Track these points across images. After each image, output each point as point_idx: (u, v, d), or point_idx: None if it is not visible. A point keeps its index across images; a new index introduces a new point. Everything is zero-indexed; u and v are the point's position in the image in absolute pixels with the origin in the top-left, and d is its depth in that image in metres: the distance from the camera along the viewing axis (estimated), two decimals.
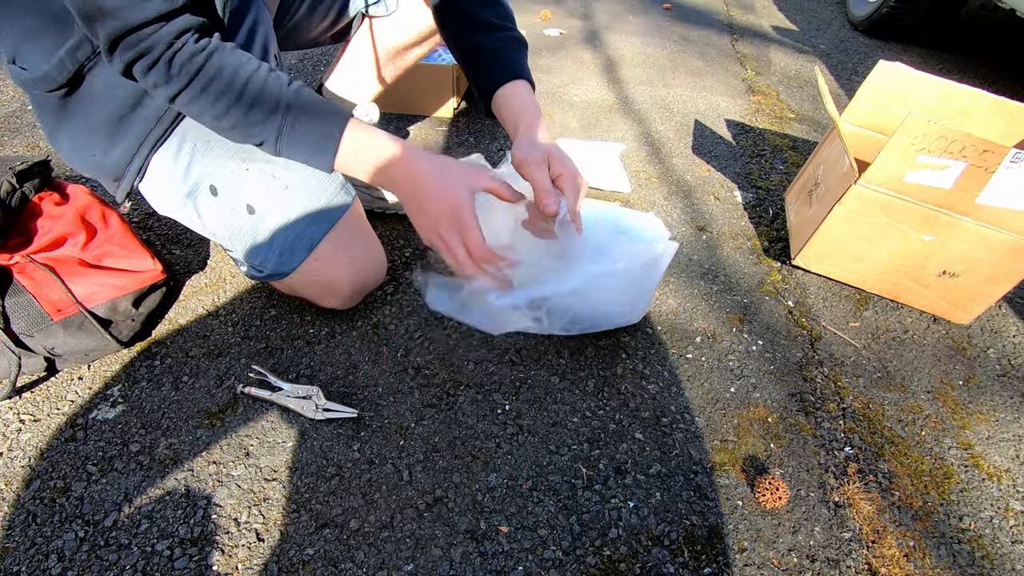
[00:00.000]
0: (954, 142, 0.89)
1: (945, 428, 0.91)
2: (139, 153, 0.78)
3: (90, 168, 0.80)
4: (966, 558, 0.75)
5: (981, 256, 0.99)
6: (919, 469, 0.84)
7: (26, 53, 0.70)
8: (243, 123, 0.67)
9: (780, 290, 1.11)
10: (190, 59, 0.63)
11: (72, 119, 0.75)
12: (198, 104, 0.67)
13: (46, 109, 0.76)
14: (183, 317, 0.94)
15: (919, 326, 1.08)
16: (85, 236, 0.84)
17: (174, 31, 0.62)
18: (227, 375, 0.85)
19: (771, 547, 0.73)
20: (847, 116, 1.25)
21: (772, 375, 0.94)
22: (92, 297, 0.82)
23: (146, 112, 0.76)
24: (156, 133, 0.77)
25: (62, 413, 0.79)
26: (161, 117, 0.77)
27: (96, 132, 0.76)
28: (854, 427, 0.89)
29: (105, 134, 0.76)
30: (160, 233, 1.09)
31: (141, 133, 0.77)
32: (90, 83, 0.73)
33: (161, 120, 0.77)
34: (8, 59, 0.71)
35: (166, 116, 0.77)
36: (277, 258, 0.83)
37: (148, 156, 0.78)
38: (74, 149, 0.78)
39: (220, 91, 0.65)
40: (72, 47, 0.69)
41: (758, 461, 0.82)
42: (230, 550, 0.67)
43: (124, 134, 0.76)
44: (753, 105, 1.80)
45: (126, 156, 0.78)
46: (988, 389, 0.98)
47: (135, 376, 0.84)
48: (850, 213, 1.02)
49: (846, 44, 2.38)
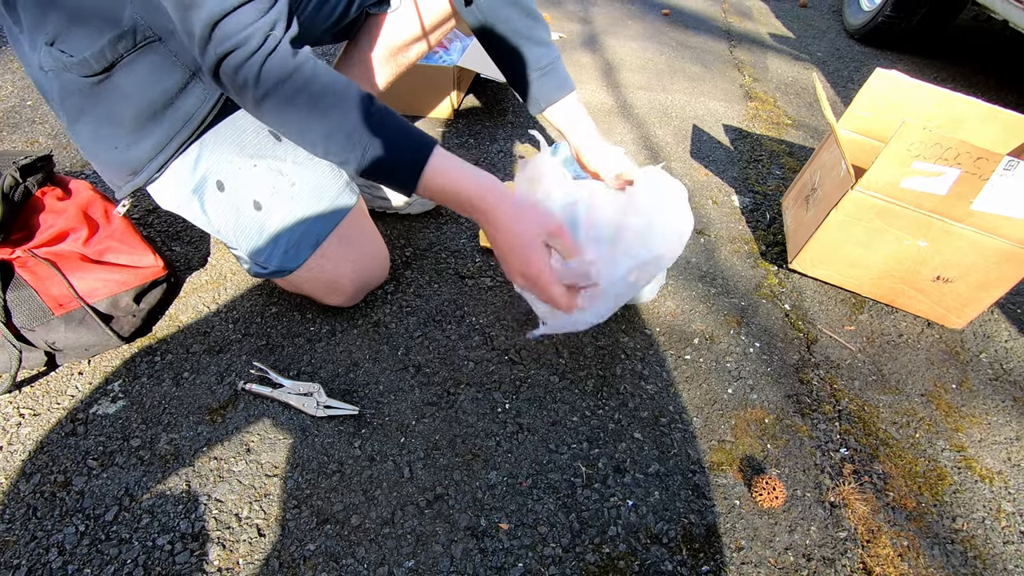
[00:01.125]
0: (949, 149, 0.91)
1: (938, 431, 0.92)
2: (164, 151, 0.77)
3: (107, 160, 0.79)
4: (959, 558, 0.76)
5: (974, 262, 1.01)
6: (913, 470, 0.85)
7: (69, 37, 0.69)
8: (325, 142, 0.67)
9: (777, 293, 1.13)
10: (283, 62, 0.62)
11: (100, 107, 0.74)
12: (283, 114, 0.65)
13: (74, 95, 0.74)
14: (184, 314, 0.94)
15: (913, 330, 1.10)
16: (87, 231, 0.84)
17: (269, 23, 0.61)
18: (228, 372, 0.86)
19: (768, 546, 0.74)
20: (844, 123, 1.26)
21: (769, 377, 0.96)
22: (94, 292, 0.82)
23: (178, 113, 0.75)
24: (183, 135, 0.77)
25: (62, 408, 0.79)
26: (190, 119, 0.76)
27: (123, 125, 0.75)
28: (849, 429, 0.90)
29: (132, 128, 0.75)
30: (160, 230, 1.09)
31: (170, 132, 0.76)
32: (126, 75, 0.72)
33: (189, 122, 0.76)
34: (48, 40, 0.70)
35: (195, 118, 0.76)
36: (282, 255, 0.84)
37: (173, 156, 0.78)
38: (96, 139, 0.77)
39: (308, 104, 0.64)
40: (116, 36, 0.69)
41: (755, 461, 0.83)
42: (231, 545, 0.67)
43: (152, 131, 0.76)
44: (751, 111, 1.81)
45: (151, 152, 0.77)
46: (980, 393, 0.99)
47: (136, 372, 0.85)
48: (846, 218, 1.04)
49: (842, 52, 2.40)
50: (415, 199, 1.13)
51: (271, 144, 0.82)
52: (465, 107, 1.58)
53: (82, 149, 0.79)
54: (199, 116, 0.77)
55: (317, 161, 0.86)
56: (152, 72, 0.71)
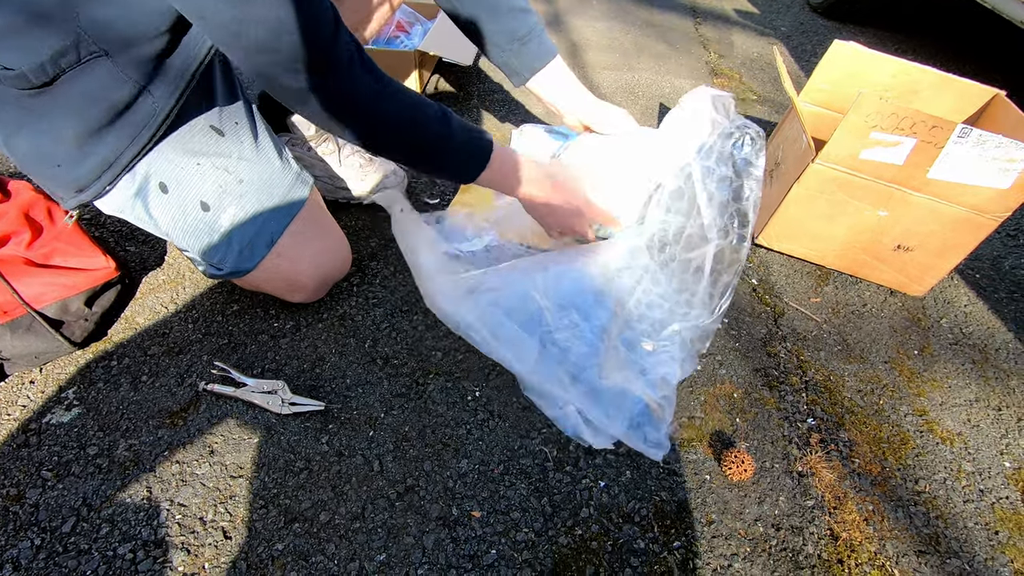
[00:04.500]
0: (904, 119, 0.92)
1: (901, 396, 0.94)
2: (111, 169, 0.73)
3: (51, 177, 0.74)
4: (922, 519, 0.78)
5: (932, 229, 1.03)
6: (877, 436, 0.87)
7: (5, 48, 0.63)
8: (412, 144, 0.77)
9: (744, 268, 1.14)
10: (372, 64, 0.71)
11: (39, 123, 0.68)
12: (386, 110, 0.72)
13: (10, 107, 0.69)
14: (140, 315, 0.91)
15: (876, 299, 1.11)
16: (30, 234, 0.80)
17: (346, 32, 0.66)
18: (188, 373, 0.83)
19: (738, 518, 0.75)
20: (804, 96, 1.27)
21: (737, 352, 0.96)
22: (40, 297, 0.79)
23: (124, 129, 0.71)
24: (132, 151, 0.72)
25: (13, 419, 0.76)
26: (138, 135, 0.72)
27: (64, 142, 0.70)
28: (816, 399, 0.91)
29: (75, 145, 0.70)
30: (113, 230, 1.05)
31: (117, 149, 0.72)
32: (68, 89, 0.66)
33: (137, 138, 0.72)
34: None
35: (143, 134, 0.72)
36: (236, 256, 0.81)
37: (121, 173, 0.74)
38: (36, 158, 0.72)
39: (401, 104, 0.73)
40: (58, 51, 0.63)
41: (725, 436, 0.84)
42: (196, 549, 0.66)
43: (96, 148, 0.71)
44: (716, 87, 1.81)
45: (96, 171, 0.73)
46: (941, 357, 1.02)
47: (91, 377, 0.82)
48: (808, 191, 1.05)
49: (805, 26, 2.41)
50: (377, 189, 1.11)
51: (214, 140, 0.78)
52: (429, 92, 1.55)
53: (20, 165, 0.73)
54: (149, 131, 0.72)
55: (264, 155, 0.83)
56: (98, 87, 0.66)
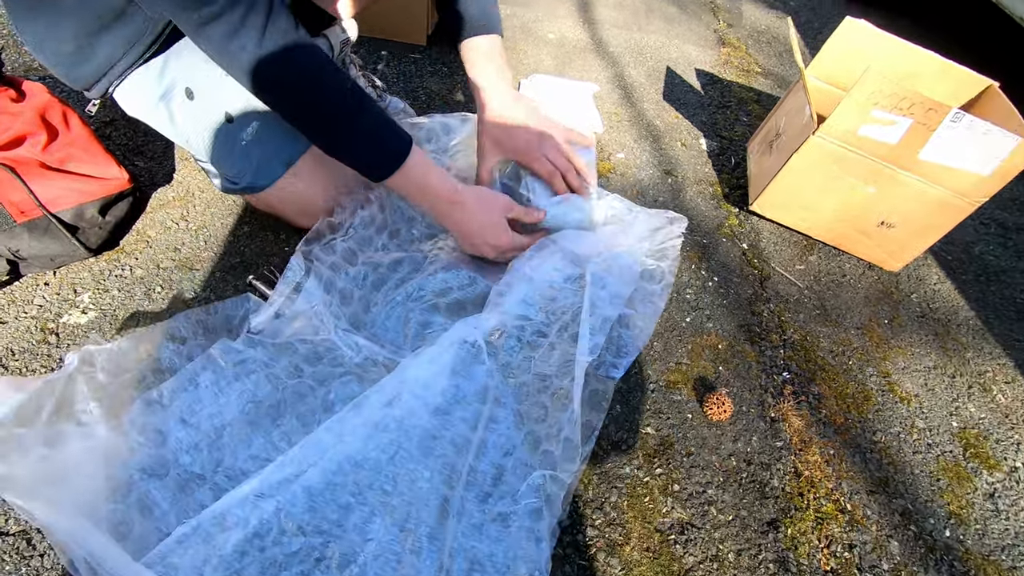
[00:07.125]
0: (904, 99, 0.96)
1: (869, 359, 1.02)
2: (112, 72, 0.73)
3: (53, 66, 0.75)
4: (875, 464, 0.87)
5: (915, 209, 1.09)
6: (844, 392, 0.95)
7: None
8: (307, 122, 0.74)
9: (736, 233, 1.19)
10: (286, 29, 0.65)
11: (40, 19, 0.69)
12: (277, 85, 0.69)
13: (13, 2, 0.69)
14: (151, 229, 0.92)
15: (856, 271, 1.19)
16: (46, 137, 0.79)
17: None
18: (204, 288, 0.86)
19: (714, 452, 0.82)
20: (812, 70, 1.30)
21: (724, 308, 1.03)
22: (57, 201, 0.79)
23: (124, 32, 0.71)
24: (132, 56, 0.72)
25: (30, 317, 0.78)
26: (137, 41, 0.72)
27: (66, 42, 0.70)
28: (792, 355, 0.98)
29: (75, 47, 0.70)
30: (120, 144, 1.04)
31: (111, 58, 0.72)
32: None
33: (137, 44, 0.72)
34: None
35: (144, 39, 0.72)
36: (254, 171, 0.82)
37: (122, 75, 0.74)
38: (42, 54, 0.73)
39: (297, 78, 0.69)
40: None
41: (707, 381, 0.91)
42: None
43: (96, 52, 0.71)
44: (723, 57, 1.83)
45: (95, 74, 0.73)
46: (908, 328, 1.10)
47: (105, 285, 0.83)
48: (806, 164, 1.09)
49: (814, 3, 2.42)
50: None
51: None
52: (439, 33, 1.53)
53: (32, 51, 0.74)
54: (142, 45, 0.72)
55: None
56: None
